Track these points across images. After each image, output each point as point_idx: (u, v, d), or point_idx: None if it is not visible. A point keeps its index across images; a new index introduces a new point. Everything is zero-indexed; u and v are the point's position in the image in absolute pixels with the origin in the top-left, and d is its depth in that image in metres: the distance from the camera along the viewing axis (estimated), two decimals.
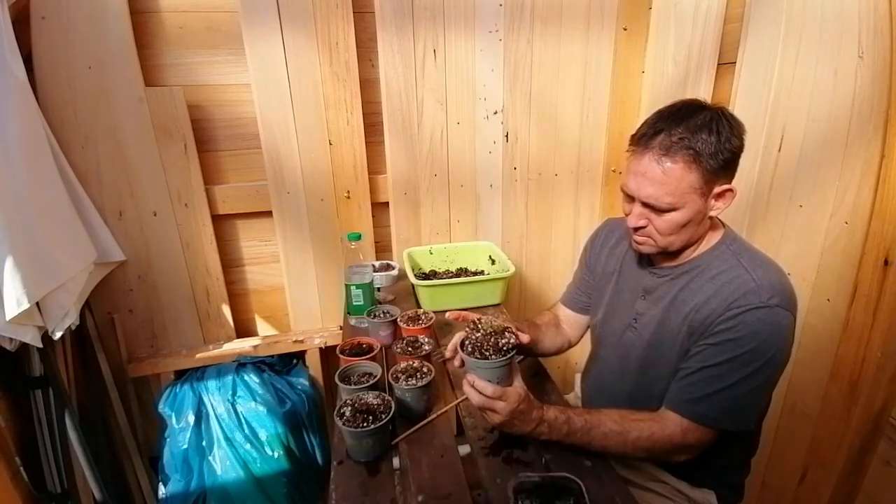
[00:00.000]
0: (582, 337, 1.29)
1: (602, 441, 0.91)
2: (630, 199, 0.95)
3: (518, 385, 0.92)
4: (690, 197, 0.88)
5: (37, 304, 1.15)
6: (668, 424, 0.91)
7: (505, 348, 0.91)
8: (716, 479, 1.06)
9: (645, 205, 0.92)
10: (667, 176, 0.87)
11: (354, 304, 1.43)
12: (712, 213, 0.93)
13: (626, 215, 0.97)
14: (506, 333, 0.94)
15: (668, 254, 0.99)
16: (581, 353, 2.04)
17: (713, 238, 0.98)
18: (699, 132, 0.86)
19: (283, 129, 1.61)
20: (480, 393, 0.89)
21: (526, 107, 1.82)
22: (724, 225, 1.01)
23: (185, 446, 1.51)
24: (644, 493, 1.06)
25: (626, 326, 1.07)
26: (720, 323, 0.89)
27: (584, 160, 1.93)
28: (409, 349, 1.15)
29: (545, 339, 1.20)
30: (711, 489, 1.06)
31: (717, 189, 0.89)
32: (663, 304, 1.00)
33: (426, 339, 1.18)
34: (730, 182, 0.91)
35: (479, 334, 0.94)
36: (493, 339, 0.92)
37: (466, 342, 0.94)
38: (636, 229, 0.96)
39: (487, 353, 0.90)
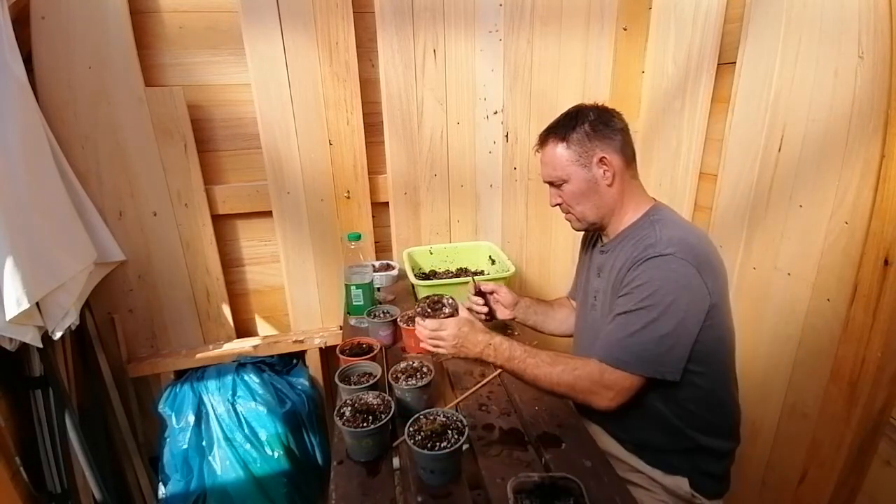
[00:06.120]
0: None
1: (534, 370, 1.05)
2: None
3: (461, 313, 1.16)
4: (572, 168, 1.08)
5: (37, 304, 1.15)
6: (590, 363, 1.02)
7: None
8: (689, 466, 1.07)
9: (551, 185, 1.14)
10: (548, 157, 1.11)
11: (354, 304, 1.43)
12: (608, 183, 1.07)
13: None
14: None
15: (604, 230, 1.16)
16: None
17: (640, 212, 1.11)
18: (562, 120, 1.11)
19: (283, 129, 1.61)
20: (430, 331, 1.13)
21: (526, 107, 1.82)
22: (656, 201, 1.14)
23: (185, 446, 1.51)
24: None
25: (590, 307, 1.20)
26: (626, 276, 1.03)
27: None
28: (429, 311, 1.17)
29: (556, 315, 1.38)
30: (684, 476, 1.07)
31: (596, 158, 1.07)
32: (606, 278, 1.13)
33: (449, 300, 1.20)
34: (607, 153, 1.06)
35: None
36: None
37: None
38: (560, 209, 1.16)
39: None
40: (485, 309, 1.35)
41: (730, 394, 1.10)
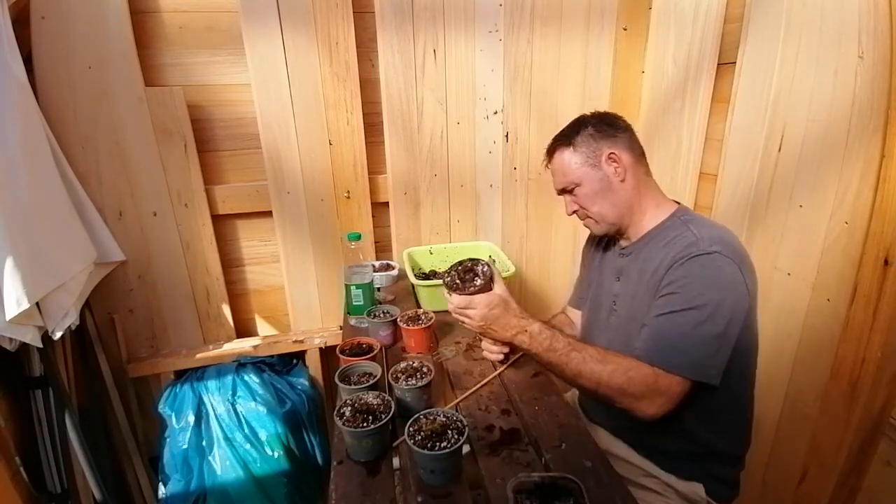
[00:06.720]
0: None
1: (578, 366, 0.95)
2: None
3: (496, 290, 1.05)
4: (582, 171, 1.09)
5: (37, 304, 1.15)
6: (643, 365, 0.94)
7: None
8: (704, 471, 1.06)
9: (565, 192, 1.15)
10: (557, 165, 1.13)
11: (354, 304, 1.43)
12: (620, 179, 1.07)
13: None
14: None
15: (624, 232, 1.13)
16: None
17: (665, 213, 1.09)
18: (565, 130, 1.13)
19: (283, 129, 1.61)
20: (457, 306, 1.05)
21: (526, 107, 1.82)
22: (680, 204, 1.12)
23: (185, 446, 1.51)
24: (636, 490, 1.06)
25: (608, 311, 1.17)
26: (668, 275, 0.98)
27: None
28: (458, 282, 1.06)
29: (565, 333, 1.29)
30: (700, 482, 1.06)
31: (604, 156, 1.07)
32: (632, 281, 1.10)
33: (483, 269, 1.08)
34: (615, 150, 1.07)
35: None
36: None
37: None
38: (577, 216, 1.16)
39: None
40: (506, 349, 1.18)
41: (749, 398, 1.08)
